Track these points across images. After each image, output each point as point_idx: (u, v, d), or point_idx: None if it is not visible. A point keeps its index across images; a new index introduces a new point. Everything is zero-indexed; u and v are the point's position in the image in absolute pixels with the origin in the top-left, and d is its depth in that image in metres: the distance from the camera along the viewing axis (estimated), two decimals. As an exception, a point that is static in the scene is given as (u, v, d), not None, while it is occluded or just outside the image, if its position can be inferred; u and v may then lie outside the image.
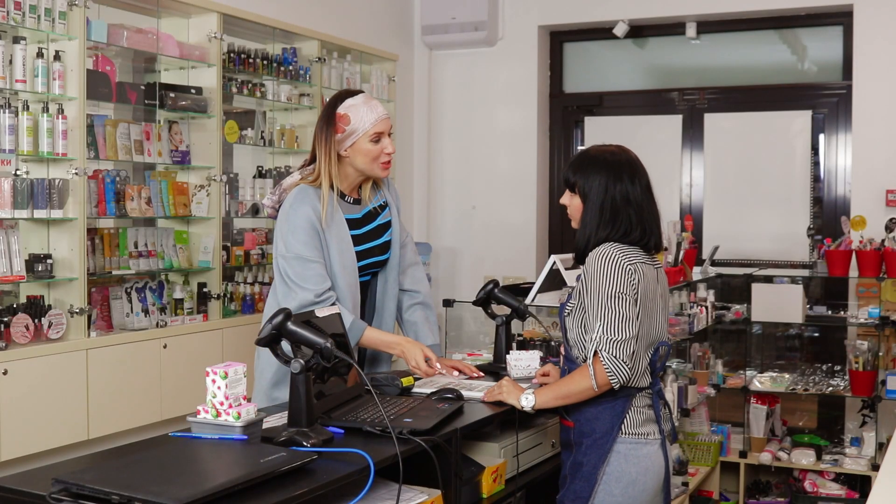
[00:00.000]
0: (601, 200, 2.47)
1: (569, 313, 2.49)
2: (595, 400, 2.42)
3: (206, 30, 4.25)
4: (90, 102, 3.72)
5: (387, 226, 2.90)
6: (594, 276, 2.40)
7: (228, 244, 4.45)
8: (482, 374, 2.88)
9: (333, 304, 2.67)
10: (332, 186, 2.74)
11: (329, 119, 2.73)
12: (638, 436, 2.44)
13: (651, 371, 2.46)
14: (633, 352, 2.36)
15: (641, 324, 2.40)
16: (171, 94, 4.09)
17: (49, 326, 3.51)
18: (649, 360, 2.45)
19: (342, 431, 2.20)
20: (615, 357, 2.33)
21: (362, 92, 2.83)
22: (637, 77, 6.23)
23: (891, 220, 4.77)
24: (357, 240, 2.80)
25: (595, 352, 2.35)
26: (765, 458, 4.80)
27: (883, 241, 4.72)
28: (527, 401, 2.47)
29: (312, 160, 2.81)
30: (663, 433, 2.49)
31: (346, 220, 2.78)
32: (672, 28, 5.92)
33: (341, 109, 2.73)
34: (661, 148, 5.86)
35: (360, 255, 2.80)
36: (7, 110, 3.42)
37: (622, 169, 2.48)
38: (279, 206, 2.79)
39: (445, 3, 6.04)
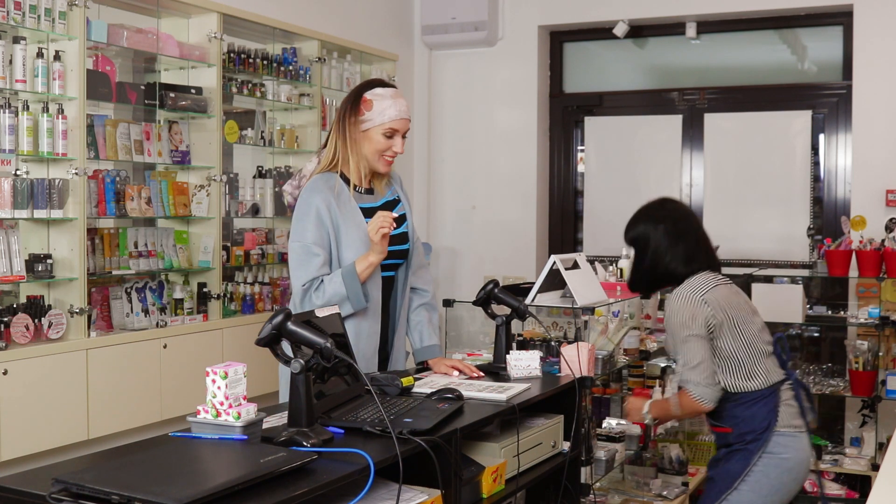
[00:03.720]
0: (656, 241, 2.95)
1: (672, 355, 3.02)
2: (746, 403, 2.78)
3: (206, 30, 4.25)
4: (90, 102, 3.72)
5: (402, 218, 2.95)
6: (671, 317, 2.88)
7: (228, 244, 4.45)
8: (482, 374, 2.88)
9: (321, 281, 2.73)
10: (349, 168, 2.84)
11: (355, 100, 2.83)
12: (794, 427, 2.78)
13: (781, 364, 2.84)
14: (711, 375, 2.77)
15: (738, 335, 2.81)
16: (171, 94, 4.09)
17: (49, 326, 3.51)
18: (773, 354, 2.84)
19: (342, 431, 2.20)
20: (696, 384, 2.75)
21: (395, 87, 2.91)
22: (637, 77, 6.23)
23: (891, 220, 4.78)
24: None
25: (680, 386, 2.84)
26: (765, 458, 4.80)
27: (883, 241, 4.72)
28: (648, 417, 3.07)
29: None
30: (808, 424, 2.82)
31: (364, 208, 2.84)
32: (672, 28, 5.92)
33: (368, 94, 2.83)
34: (661, 148, 5.86)
35: None
36: (7, 110, 3.42)
37: (659, 217, 2.99)
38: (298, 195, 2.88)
39: (445, 3, 6.05)
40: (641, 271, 3.02)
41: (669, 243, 2.94)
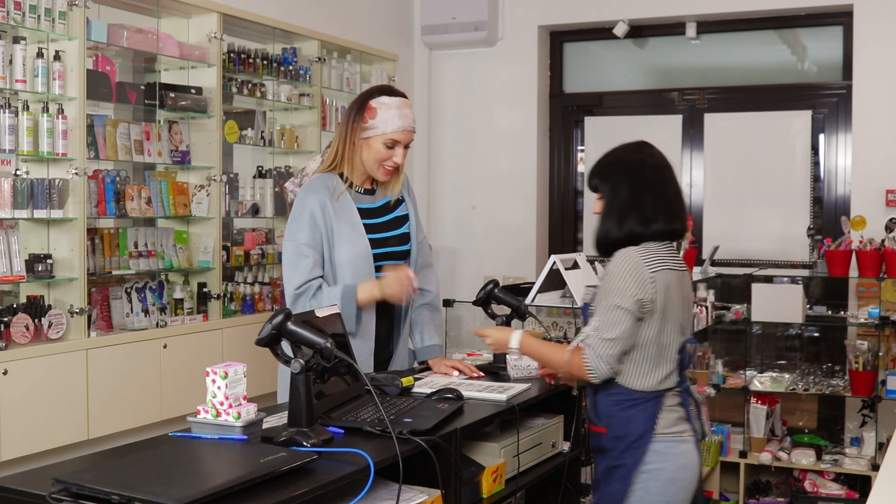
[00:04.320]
0: (621, 191, 2.54)
1: (592, 311, 2.55)
2: (625, 403, 2.49)
3: (206, 30, 4.25)
4: (90, 102, 3.72)
5: (404, 218, 2.96)
6: (611, 277, 2.47)
7: (228, 244, 4.45)
8: (482, 374, 2.88)
9: (318, 287, 2.75)
10: (348, 171, 2.84)
11: (360, 105, 2.83)
12: (673, 434, 2.49)
13: (679, 370, 2.53)
14: (619, 353, 2.43)
15: (662, 329, 2.47)
16: (171, 94, 4.09)
17: (49, 326, 3.51)
18: (677, 359, 2.52)
19: (342, 431, 2.20)
20: (600, 355, 2.43)
21: (404, 97, 2.89)
22: (637, 77, 6.23)
23: (891, 220, 4.77)
24: (373, 228, 2.86)
25: (579, 344, 2.48)
26: (765, 458, 4.80)
27: (883, 241, 4.72)
28: (514, 342, 2.66)
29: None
30: (696, 431, 2.55)
31: (362, 209, 2.85)
32: (672, 28, 5.91)
33: (374, 102, 2.82)
34: (661, 148, 5.78)
35: (377, 244, 2.86)
36: (7, 110, 3.42)
37: (640, 160, 2.58)
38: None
39: (445, 3, 6.04)
40: (606, 227, 2.55)
41: (638, 196, 2.53)
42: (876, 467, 4.60)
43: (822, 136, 5.61)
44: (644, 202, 2.51)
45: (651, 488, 2.45)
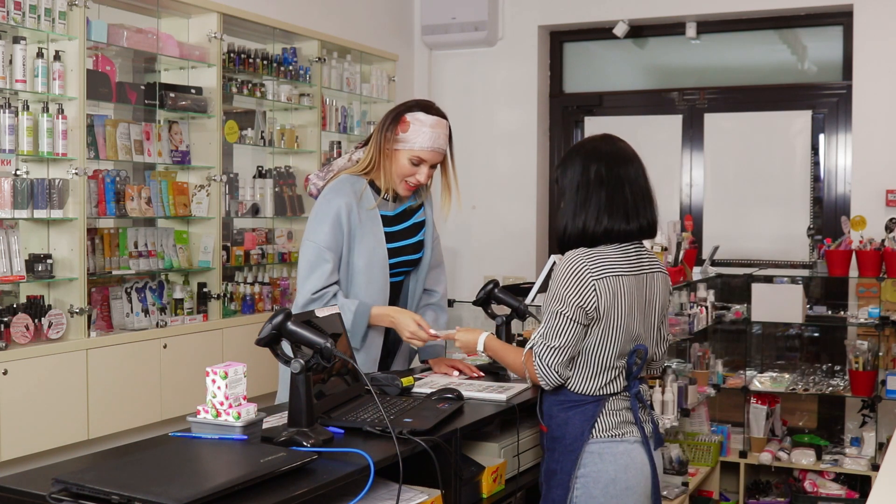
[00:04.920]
0: (575, 185, 2.43)
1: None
2: (565, 405, 2.42)
3: (206, 30, 4.25)
4: (90, 102, 3.72)
5: (421, 225, 2.95)
6: (556, 281, 2.39)
7: (228, 244, 4.45)
8: (482, 373, 2.88)
9: (334, 295, 2.73)
10: (380, 178, 2.81)
11: (396, 116, 2.80)
12: (612, 435, 2.41)
13: (627, 374, 2.43)
14: (566, 360, 2.36)
15: (605, 337, 2.37)
16: (171, 94, 4.09)
17: (49, 326, 3.51)
18: (625, 365, 2.42)
19: (342, 431, 2.20)
20: (546, 365, 2.37)
21: (443, 117, 2.84)
22: (637, 77, 6.23)
23: (891, 220, 4.77)
24: (392, 237, 2.85)
25: (531, 349, 2.42)
26: (765, 458, 4.80)
27: (883, 241, 4.72)
28: (480, 345, 2.64)
29: (366, 143, 2.88)
30: (645, 434, 2.45)
31: (384, 216, 2.84)
32: (672, 28, 5.92)
33: (409, 116, 2.78)
34: (661, 148, 5.86)
35: (392, 253, 2.84)
36: (7, 110, 3.42)
37: (598, 152, 2.45)
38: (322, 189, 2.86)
39: (445, 3, 6.05)
40: (561, 223, 2.46)
41: (589, 192, 2.41)
42: (876, 467, 4.60)
43: (822, 136, 5.62)
44: (596, 198, 2.40)
45: (592, 491, 2.37)
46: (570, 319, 2.34)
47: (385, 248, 2.81)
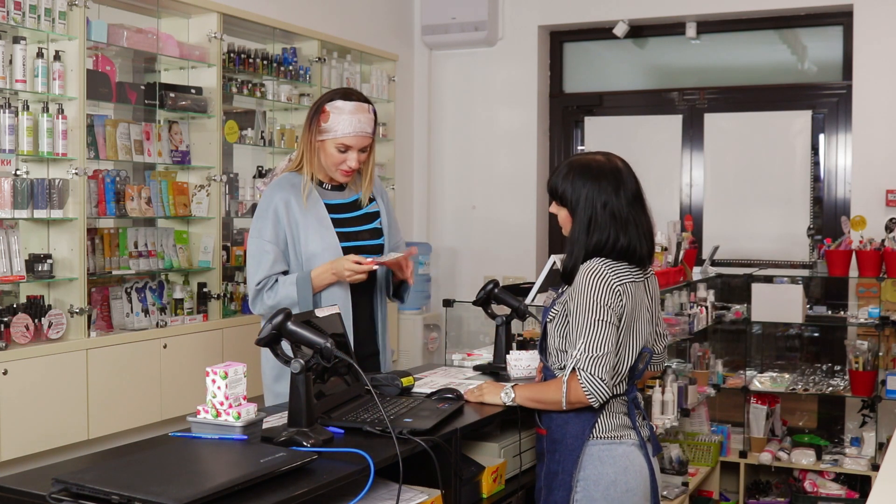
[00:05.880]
0: (588, 215, 2.43)
1: (552, 319, 2.47)
2: None
3: (206, 30, 4.25)
4: (90, 102, 3.72)
5: (376, 214, 3.00)
6: (582, 292, 2.37)
7: (228, 244, 4.45)
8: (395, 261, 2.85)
9: (276, 280, 2.79)
10: (309, 171, 2.89)
11: (317, 108, 2.89)
12: (611, 438, 2.42)
13: (629, 378, 2.46)
14: (612, 367, 2.36)
15: (621, 340, 2.40)
16: (171, 94, 4.09)
17: (49, 326, 3.51)
18: (628, 368, 2.44)
19: (342, 431, 2.20)
20: (594, 376, 2.32)
21: (363, 101, 2.89)
22: (637, 77, 6.23)
23: (891, 220, 4.78)
24: (343, 223, 2.90)
25: (573, 369, 2.34)
26: (765, 458, 4.80)
27: (883, 241, 4.72)
28: (507, 396, 2.53)
29: None
30: (642, 438, 2.47)
31: (331, 204, 2.89)
32: (672, 28, 5.92)
33: (328, 106, 2.87)
34: (661, 148, 5.86)
35: (347, 237, 2.89)
36: (7, 110, 3.42)
37: (606, 180, 2.44)
38: None
39: (445, 3, 6.05)
40: (574, 248, 2.45)
41: (605, 211, 2.42)
42: (876, 467, 4.60)
43: (822, 136, 5.62)
44: (608, 227, 2.41)
45: (593, 494, 2.39)
46: (608, 324, 2.35)
47: (334, 231, 2.86)
